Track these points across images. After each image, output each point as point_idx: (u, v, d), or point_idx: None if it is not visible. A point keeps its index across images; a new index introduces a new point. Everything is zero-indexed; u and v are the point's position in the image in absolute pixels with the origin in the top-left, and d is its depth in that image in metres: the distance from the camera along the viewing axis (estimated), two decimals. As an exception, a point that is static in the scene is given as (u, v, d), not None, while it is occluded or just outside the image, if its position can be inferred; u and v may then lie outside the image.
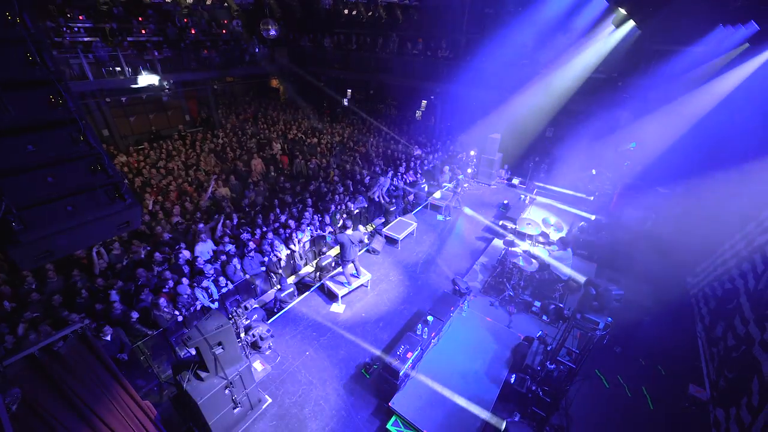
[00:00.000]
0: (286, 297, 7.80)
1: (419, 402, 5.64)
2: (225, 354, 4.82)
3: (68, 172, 2.55)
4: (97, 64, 12.64)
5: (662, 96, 10.71)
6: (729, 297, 7.15)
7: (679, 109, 10.41)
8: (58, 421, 3.32)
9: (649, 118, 11.05)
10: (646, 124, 11.11)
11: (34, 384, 3.24)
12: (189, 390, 4.69)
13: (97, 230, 2.75)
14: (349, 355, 6.78)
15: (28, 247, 2.41)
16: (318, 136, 15.68)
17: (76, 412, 3.52)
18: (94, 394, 3.72)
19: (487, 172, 14.09)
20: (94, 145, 2.61)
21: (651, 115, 11.02)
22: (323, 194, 10.39)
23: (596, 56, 11.95)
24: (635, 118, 11.35)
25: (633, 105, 11.41)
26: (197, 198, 9.81)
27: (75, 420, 3.50)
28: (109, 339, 5.52)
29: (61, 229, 2.53)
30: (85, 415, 3.58)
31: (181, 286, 6.61)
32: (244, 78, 20.39)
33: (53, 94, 2.44)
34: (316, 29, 19.03)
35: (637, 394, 6.23)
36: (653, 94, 10.91)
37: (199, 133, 15.32)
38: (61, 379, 3.40)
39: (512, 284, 7.96)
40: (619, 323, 6.63)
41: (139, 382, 5.99)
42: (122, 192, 2.75)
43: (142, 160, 12.07)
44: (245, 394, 5.30)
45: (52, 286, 6.28)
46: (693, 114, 10.15)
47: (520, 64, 13.03)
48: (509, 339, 6.90)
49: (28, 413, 3.14)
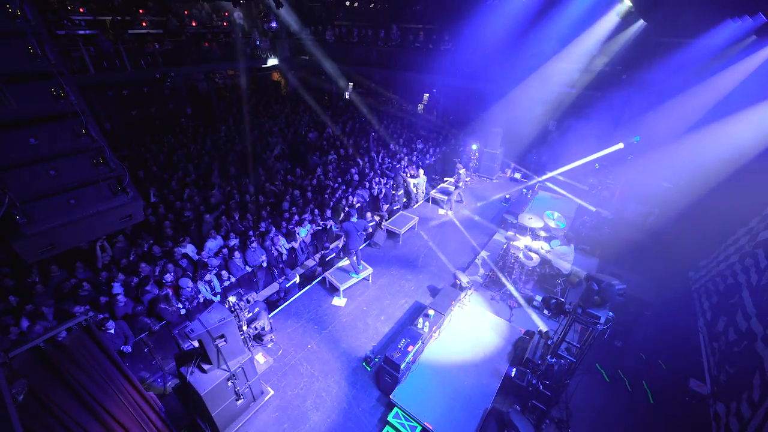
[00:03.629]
0: (289, 288, 7.83)
1: (420, 395, 5.69)
2: (227, 346, 4.86)
3: (71, 166, 2.56)
4: (98, 56, 12.62)
5: (667, 89, 10.60)
6: (731, 292, 7.14)
7: (684, 102, 10.30)
8: (64, 412, 3.37)
9: (653, 111, 10.95)
10: (650, 118, 11.01)
11: (39, 375, 3.29)
12: (192, 382, 4.74)
13: (100, 223, 2.77)
14: (350, 348, 6.83)
15: (32, 240, 2.43)
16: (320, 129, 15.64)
17: (82, 402, 3.57)
18: (98, 385, 3.77)
19: (489, 166, 14.02)
20: (96, 138, 2.62)
21: (655, 109, 10.92)
22: (323, 188, 10.40)
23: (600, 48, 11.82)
24: (639, 111, 11.25)
25: (637, 98, 11.31)
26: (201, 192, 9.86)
27: (81, 410, 3.56)
28: (113, 332, 5.59)
29: (65, 222, 2.55)
30: (90, 405, 3.63)
31: (184, 280, 6.66)
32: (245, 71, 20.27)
33: (55, 87, 2.44)
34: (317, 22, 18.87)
35: (637, 388, 6.26)
36: (658, 87, 10.80)
37: (201, 126, 15.28)
38: (66, 370, 3.44)
39: (513, 278, 7.97)
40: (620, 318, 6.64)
41: (143, 374, 6.07)
42: (124, 185, 2.76)
43: (144, 153, 12.08)
44: (248, 386, 5.36)
45: (56, 279, 6.34)
46: (698, 107, 10.05)
47: (523, 56, 12.90)
48: (510, 333, 6.94)
49: (35, 404, 3.19)
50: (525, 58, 12.92)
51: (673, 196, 10.26)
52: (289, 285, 7.80)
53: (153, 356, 6.06)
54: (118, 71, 13.15)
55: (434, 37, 15.21)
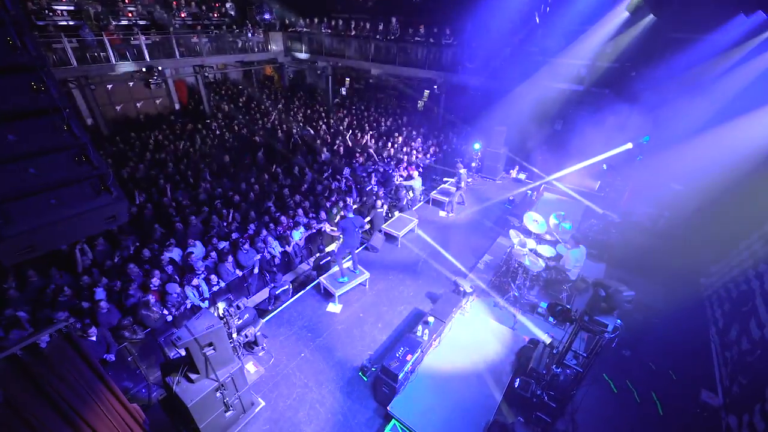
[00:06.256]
0: (281, 294, 7.82)
1: (419, 406, 5.68)
2: (216, 355, 4.84)
3: (52, 164, 2.55)
4: (81, 49, 12.58)
5: (678, 86, 10.67)
6: (744, 299, 7.18)
7: (696, 100, 10.38)
8: (43, 424, 3.34)
9: (664, 110, 11.02)
10: (661, 116, 11.08)
11: (16, 385, 3.26)
12: (179, 392, 4.71)
13: (82, 224, 2.75)
14: (345, 357, 6.81)
15: (10, 241, 2.42)
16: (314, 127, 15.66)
17: (61, 414, 3.55)
18: (79, 395, 3.74)
19: (491, 166, 14.06)
20: (79, 134, 2.61)
21: (666, 107, 10.99)
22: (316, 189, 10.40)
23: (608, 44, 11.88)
24: (649, 110, 11.32)
25: (647, 96, 11.38)
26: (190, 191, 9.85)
27: (59, 422, 3.53)
28: (94, 339, 5.55)
29: (45, 223, 2.53)
30: (70, 417, 3.60)
31: (170, 285, 6.63)
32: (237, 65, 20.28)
33: (35, 81, 2.43)
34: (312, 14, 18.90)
35: (646, 400, 6.27)
36: (668, 84, 10.87)
37: (190, 123, 15.27)
38: (45, 379, 3.42)
39: (517, 284, 7.99)
40: (628, 325, 6.66)
41: (127, 384, 6.03)
42: (108, 184, 2.75)
43: (129, 150, 12.04)
44: (237, 397, 5.34)
45: (34, 284, 6.29)
46: (710, 106, 10.12)
47: (528, 52, 12.96)
48: (513, 341, 6.94)
49: (10, 415, 3.16)
50: (530, 54, 12.98)
51: (684, 199, 10.32)
52: (280, 292, 7.78)
53: (137, 365, 6.03)
54: (101, 64, 13.12)
55: (435, 30, 15.26)
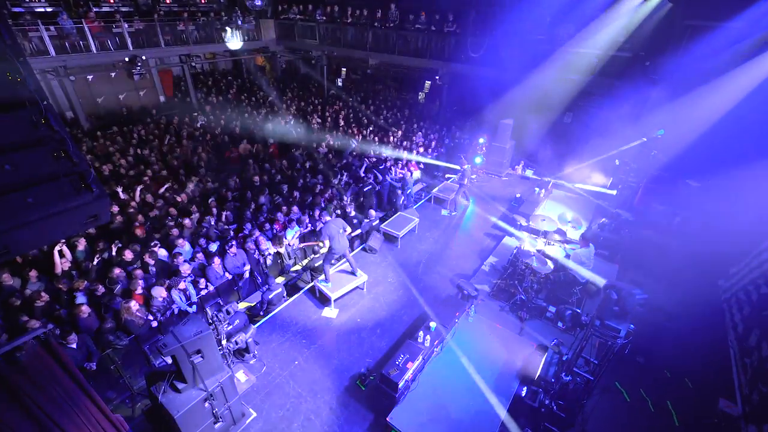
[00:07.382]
0: (273, 299, 7.82)
1: (420, 417, 5.68)
2: (205, 363, 4.84)
3: (28, 160, 2.53)
4: (60, 37, 12.53)
5: (695, 77, 10.66)
6: (765, 302, 7.20)
7: (714, 91, 10.38)
8: (19, 437, 3.34)
9: (680, 102, 11.02)
10: (677, 109, 11.08)
11: (-9, 395, 3.26)
12: (165, 403, 4.71)
13: (61, 224, 2.74)
14: (342, 365, 6.82)
15: (-17, 243, 2.41)
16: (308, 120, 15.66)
17: (39, 425, 3.54)
18: (58, 406, 3.73)
19: (497, 161, 14.08)
20: (57, 128, 2.60)
21: (682, 99, 10.99)
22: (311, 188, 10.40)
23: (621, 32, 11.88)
24: (664, 102, 11.33)
25: (662, 87, 11.38)
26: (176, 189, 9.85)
27: (37, 435, 3.52)
28: (74, 346, 5.55)
29: (21, 224, 2.51)
30: (47, 428, 3.60)
31: (156, 288, 6.62)
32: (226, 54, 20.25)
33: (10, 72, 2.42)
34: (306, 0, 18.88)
35: (661, 409, 6.29)
36: (685, 75, 10.86)
37: (176, 116, 15.24)
38: (21, 389, 3.41)
39: (524, 287, 8.00)
40: (642, 331, 6.68)
41: (110, 393, 6.02)
42: (89, 182, 2.74)
43: (111, 145, 12.02)
44: (227, 408, 5.34)
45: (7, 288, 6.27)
46: (730, 97, 10.12)
47: (536, 41, 12.96)
48: (520, 347, 6.94)
49: (-15, 427, 3.16)
50: (538, 43, 12.97)
51: (702, 196, 10.33)
52: (273, 296, 7.77)
53: (121, 374, 6.02)
54: (81, 54, 13.07)
55: (437, 17, 15.25)
